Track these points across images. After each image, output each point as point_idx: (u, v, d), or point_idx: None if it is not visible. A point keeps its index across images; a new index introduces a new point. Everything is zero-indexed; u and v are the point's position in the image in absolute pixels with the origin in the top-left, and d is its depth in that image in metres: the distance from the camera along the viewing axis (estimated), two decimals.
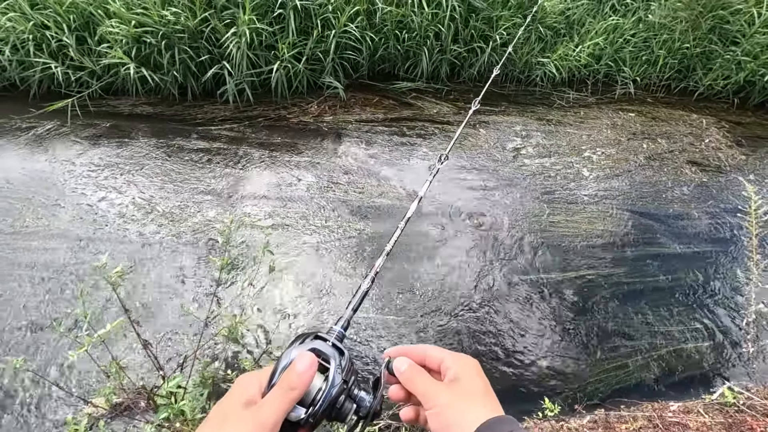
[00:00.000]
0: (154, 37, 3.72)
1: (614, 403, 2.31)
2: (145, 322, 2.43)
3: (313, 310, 2.57)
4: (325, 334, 0.56)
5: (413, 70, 4.61)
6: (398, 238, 0.81)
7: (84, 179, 3.24)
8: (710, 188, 3.81)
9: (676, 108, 4.81)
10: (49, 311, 2.42)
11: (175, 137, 3.70)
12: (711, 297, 2.92)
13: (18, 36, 3.68)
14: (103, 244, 2.80)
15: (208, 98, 4.14)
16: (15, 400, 2.06)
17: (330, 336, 0.55)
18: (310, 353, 0.50)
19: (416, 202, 0.93)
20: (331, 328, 0.59)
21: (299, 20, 4.02)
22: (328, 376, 0.50)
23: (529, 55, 4.64)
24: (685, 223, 3.45)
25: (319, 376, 0.50)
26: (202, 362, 1.65)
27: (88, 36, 3.82)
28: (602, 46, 4.74)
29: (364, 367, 2.35)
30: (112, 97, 4.06)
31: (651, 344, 2.62)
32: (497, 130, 4.19)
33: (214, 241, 2.87)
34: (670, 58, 4.80)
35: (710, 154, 4.20)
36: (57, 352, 2.25)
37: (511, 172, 3.71)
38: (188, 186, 3.27)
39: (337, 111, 4.19)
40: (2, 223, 2.86)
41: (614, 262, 3.08)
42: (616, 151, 4.09)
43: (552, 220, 3.32)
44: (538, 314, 2.69)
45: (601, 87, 4.94)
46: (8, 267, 2.62)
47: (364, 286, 0.69)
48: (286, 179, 3.42)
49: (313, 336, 0.54)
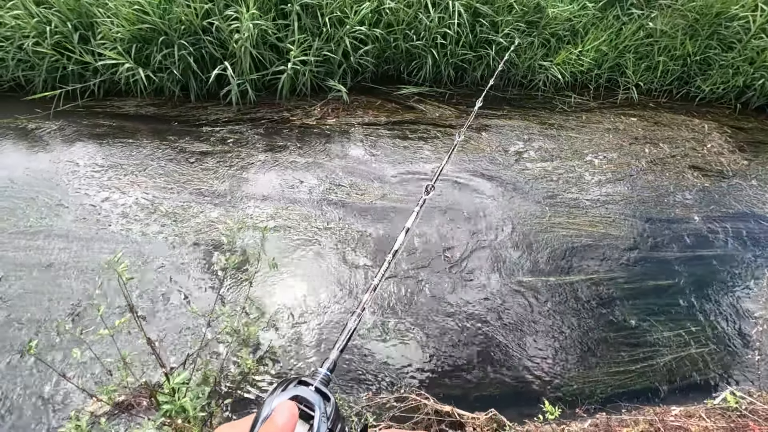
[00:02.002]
0: (153, 34, 3.74)
1: (615, 406, 2.31)
2: (148, 321, 2.43)
3: (314, 312, 2.57)
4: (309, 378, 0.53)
5: (416, 74, 4.64)
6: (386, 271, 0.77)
7: (87, 179, 3.25)
8: (712, 193, 3.81)
9: (678, 113, 4.82)
10: (53, 310, 2.43)
11: (178, 138, 3.72)
12: (713, 302, 2.92)
13: (23, 33, 3.70)
14: (107, 244, 2.81)
15: (211, 99, 4.17)
16: (19, 393, 2.07)
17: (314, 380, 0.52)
18: (290, 403, 0.46)
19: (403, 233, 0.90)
20: (316, 371, 0.57)
21: (306, 19, 4.04)
22: (312, 425, 0.47)
23: (531, 59, 4.67)
24: (687, 227, 3.45)
25: (303, 425, 0.47)
26: (204, 361, 1.65)
27: (92, 36, 3.85)
28: (604, 51, 4.76)
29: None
30: (116, 97, 4.08)
31: (653, 348, 2.61)
32: (499, 133, 4.20)
33: (216, 241, 2.88)
34: (671, 64, 4.83)
35: (712, 159, 4.20)
36: (60, 351, 2.25)
37: (513, 175, 3.72)
38: (191, 187, 3.29)
39: (340, 114, 4.21)
40: (6, 222, 2.88)
41: (616, 265, 3.08)
42: (618, 155, 4.10)
43: (554, 222, 3.32)
44: (538, 316, 2.69)
45: (603, 92, 4.96)
46: (12, 267, 2.63)
47: (350, 324, 0.66)
48: (289, 181, 3.43)
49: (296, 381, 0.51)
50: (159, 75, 3.95)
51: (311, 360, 2.34)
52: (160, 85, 4.04)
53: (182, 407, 1.29)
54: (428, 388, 2.27)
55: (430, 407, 2.04)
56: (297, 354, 2.37)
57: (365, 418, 1.99)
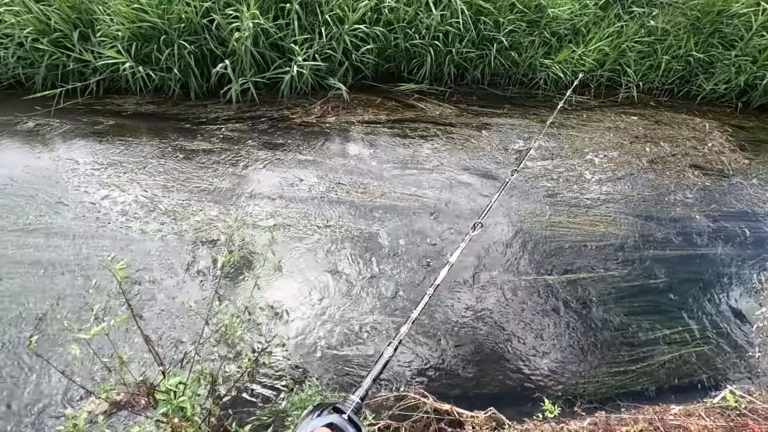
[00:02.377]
0: (153, 32, 3.73)
1: (614, 405, 2.30)
2: (146, 319, 2.43)
3: (313, 310, 2.57)
4: (343, 405, 0.57)
5: (417, 71, 4.62)
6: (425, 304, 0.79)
7: (87, 177, 3.25)
8: (713, 192, 3.80)
9: (679, 112, 4.81)
10: (52, 307, 2.43)
11: (178, 136, 3.71)
12: (713, 301, 2.91)
13: (22, 30, 3.70)
14: (106, 242, 2.81)
15: (211, 98, 4.16)
16: (17, 390, 2.07)
17: (347, 408, 0.57)
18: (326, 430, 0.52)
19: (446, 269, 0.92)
20: (348, 398, 0.61)
21: (305, 18, 4.03)
22: None
23: (532, 58, 4.65)
24: (688, 226, 3.44)
25: None
26: (203, 359, 1.65)
27: (91, 33, 3.85)
28: (606, 51, 4.74)
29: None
30: (116, 95, 4.08)
31: (652, 347, 2.61)
32: (500, 132, 4.19)
33: (215, 239, 2.88)
34: (673, 63, 4.81)
35: (713, 158, 4.19)
36: (59, 347, 2.25)
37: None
38: (191, 185, 3.28)
39: (340, 112, 4.20)
40: (6, 220, 2.88)
41: (616, 264, 3.07)
42: (618, 154, 4.09)
43: (554, 221, 3.31)
44: (537, 315, 2.68)
45: (603, 90, 4.94)
46: (12, 265, 2.63)
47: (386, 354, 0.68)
48: (289, 179, 3.42)
49: (331, 408, 0.56)
50: (159, 73, 3.94)
51: (309, 360, 2.34)
52: (159, 83, 4.04)
53: (180, 406, 1.29)
54: (427, 386, 2.27)
55: (429, 406, 2.03)
56: (296, 354, 2.37)
57: (364, 416, 1.98)
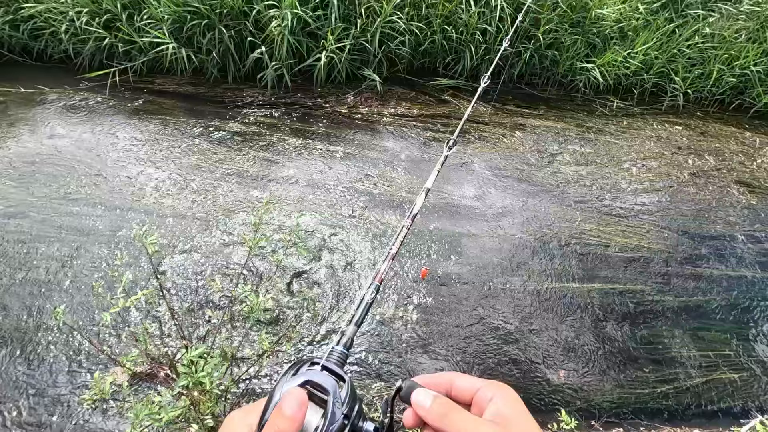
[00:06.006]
0: (195, 17, 3.81)
1: (633, 423, 2.23)
2: (173, 293, 2.51)
3: (335, 294, 2.59)
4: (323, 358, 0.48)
5: (453, 67, 4.55)
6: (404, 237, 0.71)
7: (125, 152, 3.37)
8: (759, 211, 3.59)
9: (728, 124, 4.56)
10: (86, 273, 2.54)
11: (213, 118, 3.79)
12: (749, 325, 2.77)
13: (78, 13, 3.85)
14: (139, 215, 2.91)
15: (248, 82, 4.22)
16: (47, 354, 2.18)
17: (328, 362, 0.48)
18: (299, 390, 0.43)
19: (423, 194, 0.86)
20: (332, 350, 0.51)
21: (342, 8, 4.03)
22: (326, 410, 0.43)
23: (573, 59, 4.50)
24: (728, 246, 3.27)
25: (317, 411, 0.44)
26: (225, 336, 1.69)
27: (137, 16, 3.96)
28: (654, 55, 4.54)
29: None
30: (158, 75, 4.19)
31: (679, 367, 2.50)
32: (534, 134, 4.08)
33: (244, 220, 2.93)
34: (727, 73, 4.54)
35: (762, 175, 3.96)
36: (91, 313, 2.36)
37: (545, 177, 3.62)
38: (223, 166, 3.35)
39: (373, 103, 4.18)
40: (49, 188, 3.02)
41: (647, 278, 2.95)
42: (658, 164, 3.92)
43: (584, 228, 3.21)
44: (559, 323, 2.62)
45: (647, 97, 4.73)
46: (54, 230, 2.76)
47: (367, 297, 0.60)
48: (317, 167, 3.45)
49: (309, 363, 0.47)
50: (199, 56, 4.03)
51: (327, 339, 2.37)
52: (199, 65, 4.13)
53: (200, 381, 1.32)
54: None
55: None
56: (317, 333, 2.40)
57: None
